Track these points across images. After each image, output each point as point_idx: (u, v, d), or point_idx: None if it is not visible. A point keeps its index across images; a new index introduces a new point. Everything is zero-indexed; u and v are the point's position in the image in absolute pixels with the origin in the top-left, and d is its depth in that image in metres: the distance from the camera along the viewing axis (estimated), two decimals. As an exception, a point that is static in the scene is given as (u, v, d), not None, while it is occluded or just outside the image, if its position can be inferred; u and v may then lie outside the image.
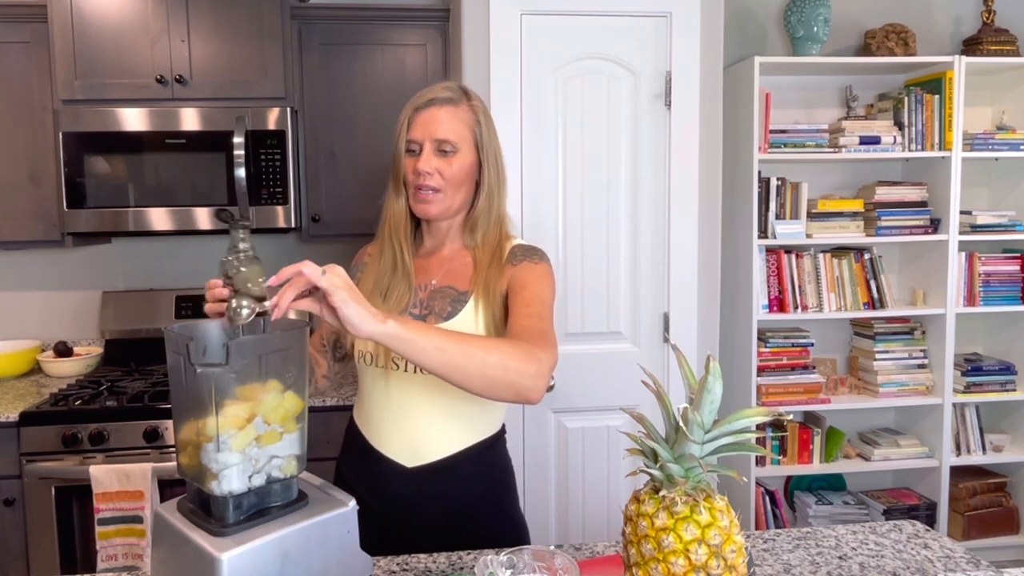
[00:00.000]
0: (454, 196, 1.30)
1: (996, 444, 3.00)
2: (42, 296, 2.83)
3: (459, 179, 1.29)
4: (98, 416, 2.19)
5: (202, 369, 0.93)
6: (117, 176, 2.40)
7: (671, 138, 2.40)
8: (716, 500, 0.88)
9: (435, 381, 1.27)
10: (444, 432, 1.30)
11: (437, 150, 1.27)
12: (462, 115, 1.29)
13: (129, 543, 2.13)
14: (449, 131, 1.27)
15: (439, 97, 1.29)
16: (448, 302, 1.31)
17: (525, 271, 1.30)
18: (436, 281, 1.34)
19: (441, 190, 1.28)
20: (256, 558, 0.94)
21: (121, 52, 2.40)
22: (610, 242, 2.41)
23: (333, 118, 2.56)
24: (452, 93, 1.31)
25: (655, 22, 2.37)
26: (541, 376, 1.12)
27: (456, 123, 1.28)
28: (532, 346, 1.14)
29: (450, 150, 1.27)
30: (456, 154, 1.28)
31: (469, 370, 1.07)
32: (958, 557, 1.20)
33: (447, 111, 1.28)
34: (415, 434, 1.30)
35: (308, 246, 2.92)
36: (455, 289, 1.32)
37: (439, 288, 1.33)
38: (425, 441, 1.30)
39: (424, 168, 1.27)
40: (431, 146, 1.27)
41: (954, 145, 2.79)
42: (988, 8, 2.93)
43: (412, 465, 1.29)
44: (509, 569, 0.87)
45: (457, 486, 1.31)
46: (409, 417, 1.30)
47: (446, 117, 1.28)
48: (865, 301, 2.88)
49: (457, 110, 1.29)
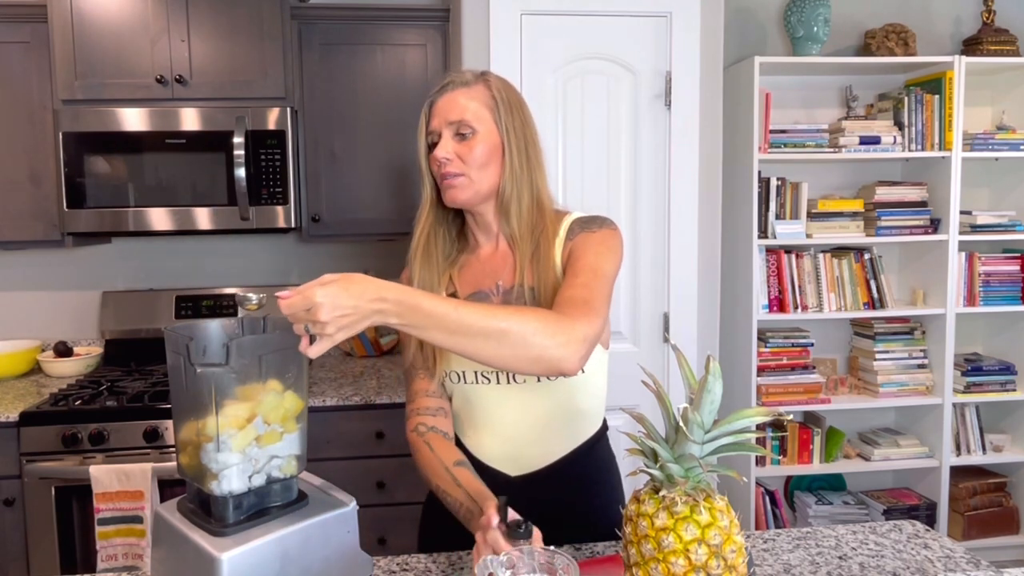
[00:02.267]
0: (480, 179, 1.22)
1: (996, 444, 3.00)
2: (42, 296, 2.84)
3: (482, 160, 1.21)
4: (98, 416, 2.19)
5: (202, 369, 0.93)
6: (117, 176, 2.40)
7: (671, 138, 2.40)
8: (716, 500, 0.88)
9: (528, 391, 1.23)
10: (544, 440, 1.26)
11: (455, 135, 1.21)
12: (476, 95, 1.23)
13: (129, 543, 2.13)
14: (463, 111, 1.21)
15: (451, 81, 1.24)
16: (523, 303, 1.25)
17: (580, 243, 1.21)
18: (503, 281, 1.26)
19: (464, 174, 1.21)
20: (256, 558, 0.94)
21: (121, 52, 2.40)
22: (610, 242, 2.41)
23: (333, 118, 2.56)
24: (465, 76, 1.25)
25: (655, 22, 2.37)
26: (571, 344, 1.01)
27: (472, 103, 1.22)
28: (562, 315, 1.04)
29: (468, 132, 1.21)
30: (475, 135, 1.21)
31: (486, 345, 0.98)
32: (958, 557, 1.20)
33: (460, 93, 1.22)
34: (515, 445, 1.26)
35: (308, 246, 2.92)
36: (526, 286, 1.25)
37: (509, 288, 1.26)
38: (526, 451, 1.26)
39: (442, 155, 1.20)
40: (448, 132, 1.22)
41: (954, 145, 2.79)
42: (988, 8, 2.93)
43: (516, 474, 1.26)
44: (509, 569, 0.87)
45: (561, 491, 1.27)
46: (507, 428, 1.25)
47: (459, 99, 1.22)
48: (865, 301, 2.88)
49: (470, 90, 1.23)
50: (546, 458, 1.27)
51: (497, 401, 1.24)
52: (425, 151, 1.26)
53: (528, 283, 1.23)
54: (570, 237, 1.23)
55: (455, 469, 1.17)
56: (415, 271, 1.29)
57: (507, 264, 1.27)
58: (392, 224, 2.62)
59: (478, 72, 1.27)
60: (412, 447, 1.25)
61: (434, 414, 1.26)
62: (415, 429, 1.25)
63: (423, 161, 1.27)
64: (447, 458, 1.19)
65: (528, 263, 1.23)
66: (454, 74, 1.26)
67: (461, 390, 1.27)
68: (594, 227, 1.24)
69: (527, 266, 1.23)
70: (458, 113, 1.21)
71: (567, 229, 1.25)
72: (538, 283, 1.21)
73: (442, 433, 1.25)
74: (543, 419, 1.25)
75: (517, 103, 1.26)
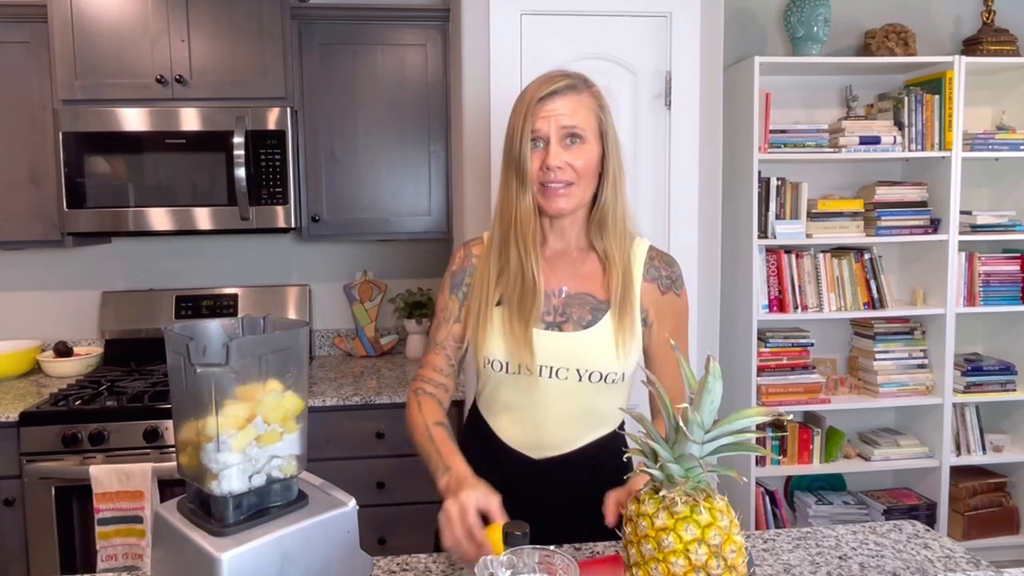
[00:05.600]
0: (586, 189, 1.23)
1: (996, 444, 3.00)
2: (42, 296, 2.84)
3: (589, 170, 1.22)
4: (98, 416, 2.19)
5: (202, 369, 0.93)
6: (117, 176, 2.40)
7: (671, 138, 2.40)
8: (716, 500, 0.88)
9: (566, 385, 1.26)
10: (570, 429, 1.30)
11: (562, 140, 1.20)
12: (586, 101, 1.22)
13: (129, 543, 2.13)
14: (577, 118, 1.20)
15: (561, 86, 1.21)
16: (587, 310, 1.27)
17: (675, 307, 1.31)
18: (569, 287, 1.29)
19: (574, 183, 1.21)
20: (256, 558, 0.94)
21: (121, 52, 2.40)
22: (610, 242, 2.41)
23: (333, 118, 2.56)
24: (573, 80, 1.23)
25: (655, 22, 2.37)
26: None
27: (583, 110, 1.21)
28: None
29: (578, 140, 1.20)
30: (584, 144, 1.21)
31: None
32: (958, 557, 1.20)
33: (572, 99, 1.20)
34: (543, 432, 1.30)
35: (308, 246, 2.92)
36: (593, 297, 1.28)
37: (575, 294, 1.28)
38: (552, 437, 1.30)
39: (555, 163, 1.19)
40: (557, 137, 1.20)
41: (954, 145, 2.78)
42: (988, 8, 2.93)
43: (538, 457, 1.31)
44: (509, 569, 0.87)
45: (579, 476, 1.31)
46: (538, 416, 1.29)
47: (572, 104, 1.20)
48: (865, 301, 2.88)
49: (581, 96, 1.22)
50: (568, 445, 1.31)
51: (534, 389, 1.27)
52: (522, 148, 1.21)
53: (600, 296, 1.27)
54: (656, 279, 1.30)
55: (433, 428, 1.26)
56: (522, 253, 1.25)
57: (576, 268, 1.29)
58: (392, 224, 2.62)
59: (583, 76, 1.26)
60: (408, 403, 1.34)
61: (436, 387, 1.33)
62: (417, 389, 1.34)
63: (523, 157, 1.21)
64: (430, 418, 1.28)
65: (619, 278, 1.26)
66: (559, 76, 1.23)
67: (497, 377, 1.30)
68: (680, 285, 1.31)
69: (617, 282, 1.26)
70: (570, 119, 1.20)
71: (647, 259, 1.30)
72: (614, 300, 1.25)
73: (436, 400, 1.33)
74: (576, 410, 1.29)
75: (613, 115, 1.28)
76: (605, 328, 1.25)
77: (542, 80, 1.23)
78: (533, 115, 1.21)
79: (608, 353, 1.25)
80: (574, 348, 1.25)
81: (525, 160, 1.21)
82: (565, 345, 1.25)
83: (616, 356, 1.25)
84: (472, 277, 1.33)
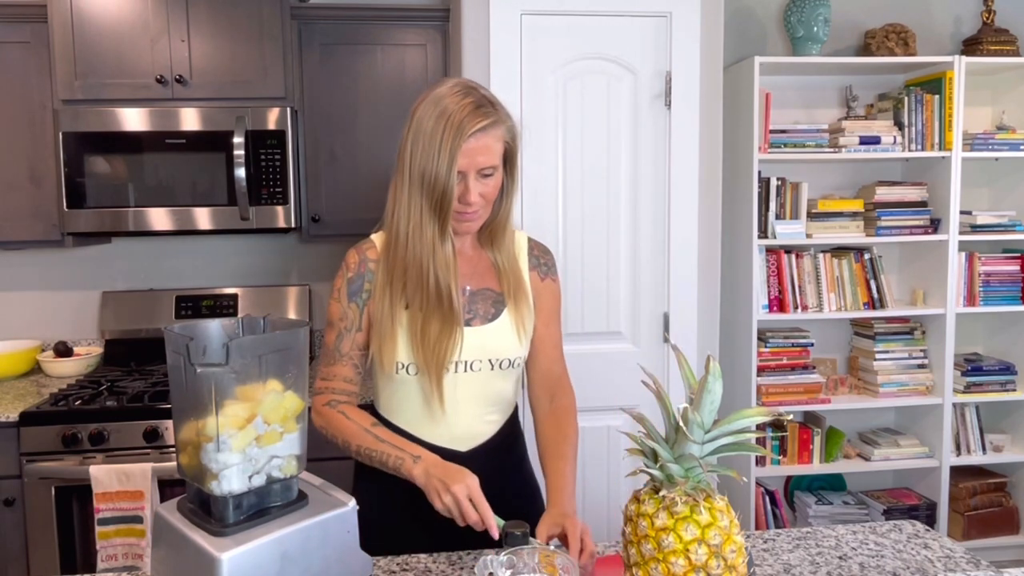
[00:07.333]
0: (489, 208, 1.32)
1: (996, 444, 3.00)
2: (42, 296, 2.84)
3: (495, 195, 1.31)
4: (98, 416, 2.19)
5: (202, 369, 0.93)
6: (117, 176, 2.40)
7: (671, 138, 2.40)
8: (716, 500, 0.88)
9: (480, 376, 1.34)
10: (487, 417, 1.38)
11: (478, 176, 1.26)
12: (500, 134, 1.27)
13: (129, 543, 2.13)
14: (493, 156, 1.25)
15: (481, 125, 1.22)
16: (490, 303, 1.36)
17: (553, 292, 1.44)
18: (471, 285, 1.36)
19: (480, 209, 1.29)
20: (256, 558, 0.94)
21: (121, 52, 2.40)
22: (610, 242, 2.41)
23: (333, 118, 2.56)
24: (490, 115, 1.24)
25: (655, 22, 2.37)
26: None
27: (498, 145, 1.26)
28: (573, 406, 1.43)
29: (491, 172, 1.26)
30: (495, 173, 1.27)
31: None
32: (958, 557, 1.20)
33: (490, 137, 1.24)
34: (454, 426, 1.35)
35: (308, 246, 2.92)
36: (492, 291, 1.37)
37: (477, 291, 1.36)
38: (465, 428, 1.36)
39: (474, 200, 1.26)
40: (475, 175, 1.25)
41: (954, 145, 2.79)
42: (988, 8, 2.93)
43: (466, 449, 1.36)
44: (509, 569, 0.87)
45: (492, 460, 1.38)
46: (450, 409, 1.34)
47: (489, 143, 1.24)
48: (865, 301, 2.88)
49: (497, 131, 1.26)
50: (487, 432, 1.38)
51: (448, 386, 1.32)
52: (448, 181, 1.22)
53: (496, 288, 1.37)
54: (537, 268, 1.42)
55: (375, 429, 1.29)
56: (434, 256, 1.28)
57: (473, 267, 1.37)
58: (392, 224, 2.62)
59: (492, 105, 1.26)
60: (323, 417, 1.35)
61: (347, 398, 1.37)
62: (328, 403, 1.36)
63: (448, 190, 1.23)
64: (364, 422, 1.31)
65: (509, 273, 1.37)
66: (479, 115, 1.23)
67: (407, 380, 1.33)
68: (555, 273, 1.45)
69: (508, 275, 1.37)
70: (490, 159, 1.25)
71: (527, 250, 1.42)
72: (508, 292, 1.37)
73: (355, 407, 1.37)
74: (488, 399, 1.37)
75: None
76: (506, 320, 1.36)
77: (470, 111, 1.22)
78: (459, 151, 1.21)
79: (512, 340, 1.35)
80: (485, 341, 1.33)
81: (450, 194, 1.23)
82: (477, 339, 1.33)
83: (519, 341, 1.36)
84: (371, 283, 1.33)
